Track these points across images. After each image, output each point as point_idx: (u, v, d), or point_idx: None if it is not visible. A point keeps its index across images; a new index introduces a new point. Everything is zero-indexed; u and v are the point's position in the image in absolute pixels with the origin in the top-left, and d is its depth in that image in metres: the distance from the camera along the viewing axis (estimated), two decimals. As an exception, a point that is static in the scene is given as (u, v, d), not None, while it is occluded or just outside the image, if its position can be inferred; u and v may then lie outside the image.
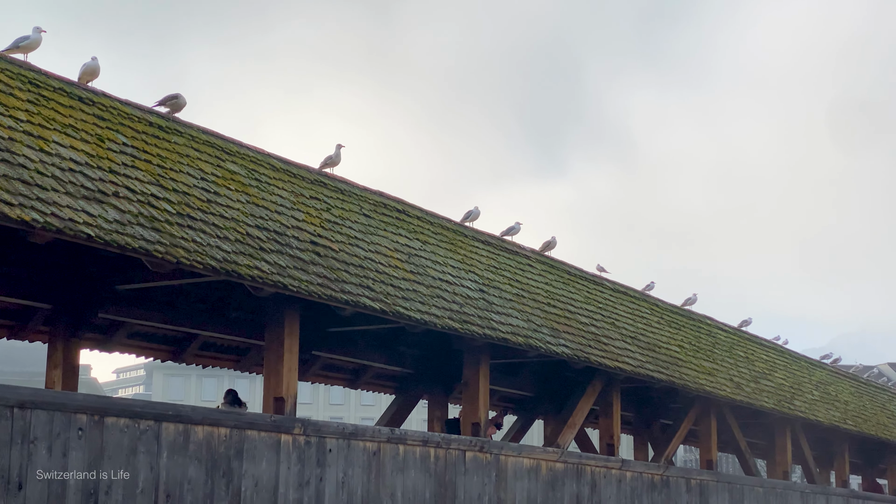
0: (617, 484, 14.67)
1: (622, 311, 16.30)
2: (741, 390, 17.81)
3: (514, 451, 12.83)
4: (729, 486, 17.54)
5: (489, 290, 13.06)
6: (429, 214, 13.59)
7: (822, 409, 20.87)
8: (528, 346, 12.72)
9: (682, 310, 19.16)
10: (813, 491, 20.58)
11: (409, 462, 11.20)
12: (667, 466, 16.14)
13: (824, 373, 23.55)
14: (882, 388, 27.67)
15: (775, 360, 21.06)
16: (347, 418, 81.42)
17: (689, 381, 16.10)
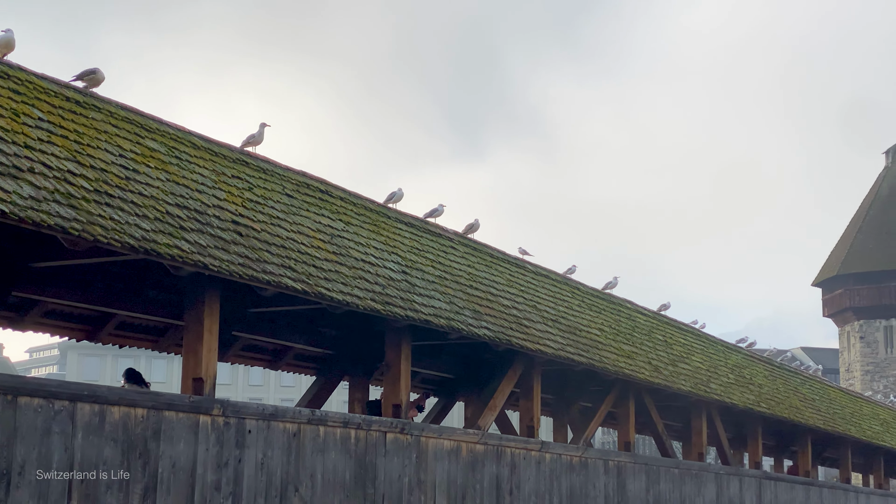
0: (536, 465, 14.78)
1: (544, 294, 16.40)
2: (659, 373, 18.05)
3: (434, 433, 12.85)
4: (646, 468, 17.78)
5: (412, 271, 13.04)
6: (352, 195, 13.52)
7: (736, 393, 21.24)
8: (450, 328, 12.74)
9: (603, 293, 19.34)
10: (727, 472, 20.95)
11: (330, 443, 11.16)
12: (585, 448, 16.30)
13: (739, 357, 23.97)
14: (794, 372, 28.24)
15: (692, 343, 21.38)
16: (267, 400, 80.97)
17: (609, 364, 16.27)
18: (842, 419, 28.14)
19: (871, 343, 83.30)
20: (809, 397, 26.71)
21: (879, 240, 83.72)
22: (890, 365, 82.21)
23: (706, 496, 19.83)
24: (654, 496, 17.92)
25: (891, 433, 33.07)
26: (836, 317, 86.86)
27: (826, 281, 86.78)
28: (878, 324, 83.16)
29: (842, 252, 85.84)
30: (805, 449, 26.07)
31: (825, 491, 26.61)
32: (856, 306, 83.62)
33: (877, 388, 76.60)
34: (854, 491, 29.16)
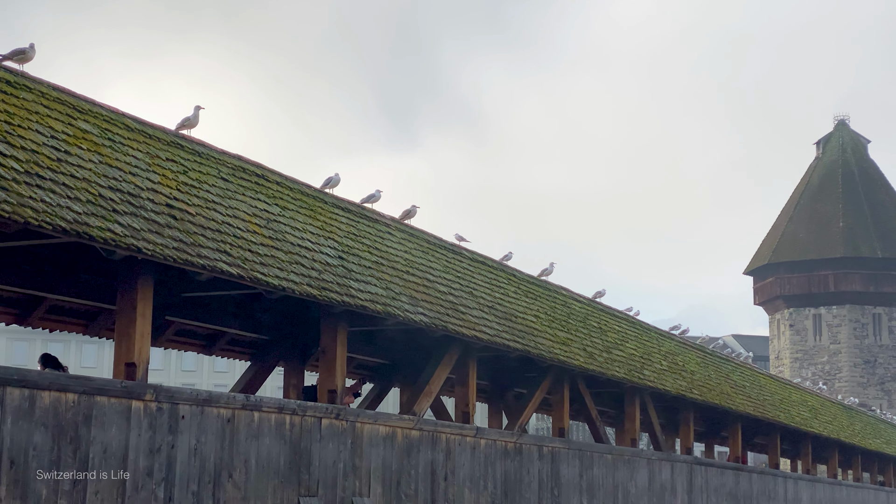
0: (471, 451, 14.83)
1: (480, 280, 16.43)
2: (594, 360, 18.19)
3: (370, 419, 12.84)
4: (579, 454, 17.92)
5: (348, 257, 13.00)
6: (288, 180, 13.42)
7: (669, 379, 21.48)
8: (386, 314, 12.72)
9: (539, 280, 19.42)
10: (659, 458, 21.20)
11: (264, 429, 11.09)
12: (520, 434, 16.39)
13: (673, 344, 24.24)
14: (726, 359, 28.64)
15: (627, 330, 21.57)
16: (200, 385, 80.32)
17: (544, 351, 16.36)
18: (771, 406, 28.61)
19: (801, 331, 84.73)
20: (740, 384, 27.11)
21: (809, 229, 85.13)
22: (818, 352, 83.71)
23: (638, 481, 20.05)
24: (588, 481, 18.08)
25: (818, 419, 33.70)
26: (767, 305, 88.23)
27: (757, 270, 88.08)
28: (808, 312, 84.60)
29: (773, 241, 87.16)
30: (735, 435, 26.47)
31: (754, 476, 27.05)
32: (786, 295, 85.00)
33: (805, 376, 77.98)
34: (782, 476, 29.68)
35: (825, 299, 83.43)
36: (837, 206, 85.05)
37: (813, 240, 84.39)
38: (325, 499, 11.88)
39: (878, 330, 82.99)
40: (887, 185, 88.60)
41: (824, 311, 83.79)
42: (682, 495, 22.06)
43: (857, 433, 38.64)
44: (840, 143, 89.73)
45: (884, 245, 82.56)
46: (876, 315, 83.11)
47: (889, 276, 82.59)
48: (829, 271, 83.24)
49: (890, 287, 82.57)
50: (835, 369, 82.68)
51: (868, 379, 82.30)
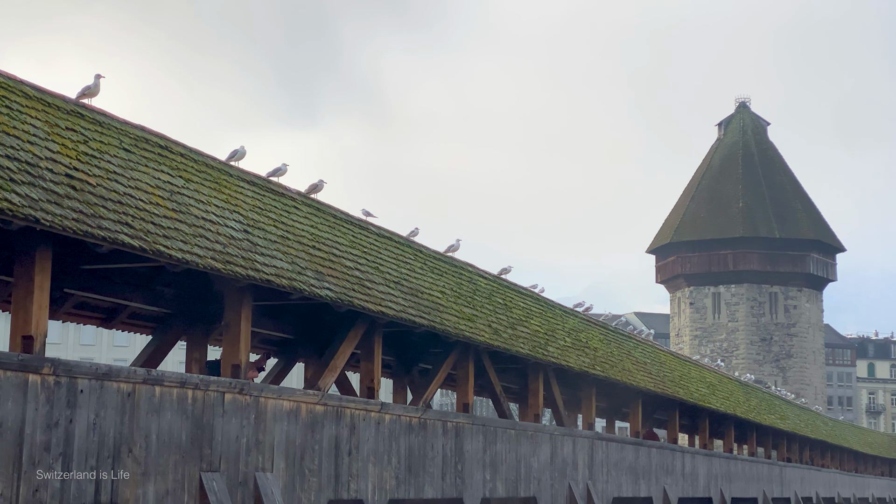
0: (376, 426, 14.84)
1: (386, 256, 16.41)
2: (499, 336, 18.32)
3: (274, 394, 12.75)
4: (483, 429, 18.06)
5: (254, 231, 12.86)
6: (192, 152, 13.21)
7: (573, 356, 21.74)
8: (291, 289, 12.64)
9: (445, 256, 19.47)
10: (561, 433, 21.47)
11: (166, 404, 10.95)
12: (424, 410, 16.45)
13: (576, 321, 24.53)
14: (628, 336, 29.09)
15: (532, 307, 21.76)
16: (99, 359, 79.03)
17: (450, 327, 16.42)
18: (671, 382, 29.16)
19: (700, 309, 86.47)
20: (641, 361, 27.57)
21: (710, 210, 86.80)
22: (717, 330, 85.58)
23: (541, 456, 20.29)
24: (491, 456, 18.23)
25: (716, 395, 34.47)
26: (668, 283, 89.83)
27: (659, 249, 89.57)
28: (708, 290, 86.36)
29: (675, 221, 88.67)
30: (636, 410, 26.92)
31: (653, 451, 27.57)
32: (687, 273, 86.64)
33: (704, 353, 79.70)
34: (680, 451, 30.30)
35: (724, 278, 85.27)
36: (737, 187, 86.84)
37: (713, 220, 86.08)
38: (227, 474, 11.78)
39: (774, 308, 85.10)
40: (785, 166, 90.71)
41: (723, 289, 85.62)
42: (584, 469, 22.39)
43: (752, 409, 39.63)
44: (741, 125, 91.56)
45: (781, 226, 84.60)
46: (772, 294, 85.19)
47: (785, 256, 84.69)
48: (728, 251, 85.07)
49: (786, 267, 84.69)
50: (732, 346, 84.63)
51: (764, 356, 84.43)
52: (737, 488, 36.87)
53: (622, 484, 24.95)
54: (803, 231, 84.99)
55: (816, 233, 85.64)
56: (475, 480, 17.59)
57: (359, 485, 14.32)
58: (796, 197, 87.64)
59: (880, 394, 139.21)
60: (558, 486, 21.00)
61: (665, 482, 28.22)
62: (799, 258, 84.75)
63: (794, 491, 46.36)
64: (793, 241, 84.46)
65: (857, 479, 65.06)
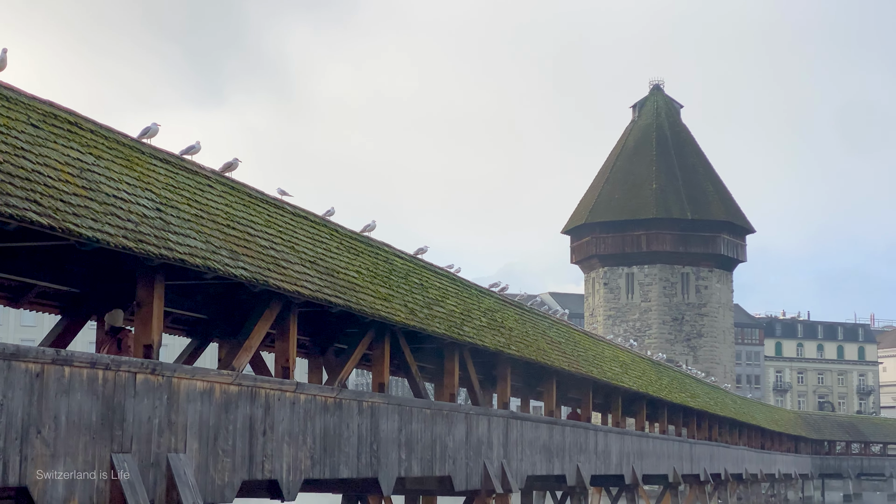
0: (291, 406, 14.77)
1: (302, 235, 16.30)
2: (415, 316, 18.33)
3: (187, 374, 12.61)
4: (399, 409, 18.08)
5: (167, 209, 12.68)
6: (103, 128, 12.96)
7: (488, 335, 21.86)
8: (205, 268, 12.49)
9: (361, 236, 19.41)
10: (476, 412, 21.59)
11: (76, 384, 10.75)
12: (340, 389, 16.40)
13: (492, 300, 24.65)
14: (543, 316, 29.34)
15: (448, 287, 21.81)
16: (6, 339, 77.40)
17: (366, 307, 16.39)
18: (585, 361, 29.50)
19: (614, 289, 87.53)
20: (556, 340, 27.83)
21: (624, 191, 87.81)
22: (630, 310, 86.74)
23: (456, 435, 20.39)
24: (407, 436, 18.27)
25: (629, 374, 34.96)
26: (583, 264, 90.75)
27: (574, 229, 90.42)
28: (621, 271, 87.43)
29: (589, 202, 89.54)
30: (550, 390, 27.18)
31: (567, 429, 27.87)
32: (601, 254, 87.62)
33: (618, 332, 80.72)
34: (593, 429, 30.69)
35: (638, 259, 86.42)
36: (651, 169, 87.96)
37: (627, 201, 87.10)
38: (138, 455, 11.63)
39: (685, 289, 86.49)
40: (697, 149, 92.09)
41: (637, 270, 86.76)
42: (499, 448, 22.56)
43: (664, 388, 40.28)
44: (655, 108, 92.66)
45: (693, 207, 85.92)
46: (684, 274, 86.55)
47: (697, 237, 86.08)
48: (641, 232, 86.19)
49: (698, 248, 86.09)
50: (645, 326, 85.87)
51: (675, 336, 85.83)
52: (648, 465, 37.49)
53: (536, 462, 25.20)
54: (714, 212, 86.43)
55: (727, 214, 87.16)
56: (390, 460, 17.61)
57: (273, 465, 14.25)
58: (708, 179, 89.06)
59: (787, 372, 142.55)
60: (473, 464, 21.14)
61: (578, 460, 28.57)
62: (710, 239, 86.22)
63: (703, 468, 47.28)
64: (704, 223, 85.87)
65: (764, 455, 66.59)
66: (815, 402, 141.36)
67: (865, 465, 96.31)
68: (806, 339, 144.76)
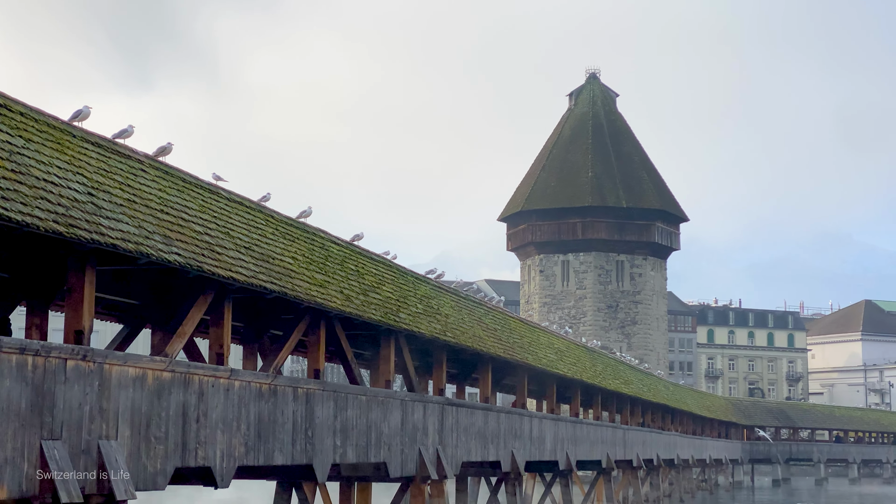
0: (225, 393, 14.67)
1: (237, 221, 16.18)
2: (351, 302, 18.29)
3: (119, 360, 12.46)
4: (334, 395, 18.04)
5: (98, 193, 12.50)
6: (34, 111, 12.74)
7: (424, 322, 21.88)
8: (138, 253, 12.35)
9: (297, 222, 19.31)
10: (412, 399, 21.62)
11: (5, 371, 10.58)
12: (275, 376, 16.32)
13: (428, 287, 24.67)
14: (479, 303, 29.42)
15: (384, 273, 21.78)
16: (-64, 326, 75.82)
17: (301, 293, 16.32)
18: (520, 348, 29.66)
19: (550, 276, 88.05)
20: (492, 327, 27.94)
21: (560, 179, 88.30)
22: (566, 297, 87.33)
23: (391, 422, 20.40)
24: (342, 422, 18.24)
25: (563, 361, 35.22)
26: (519, 251, 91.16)
27: (510, 217, 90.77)
28: (557, 258, 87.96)
29: (526, 189, 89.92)
30: (486, 376, 27.29)
31: (502, 416, 28.02)
32: (537, 241, 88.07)
33: (553, 319, 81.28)
34: (528, 416, 30.88)
35: (573, 246, 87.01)
36: (587, 157, 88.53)
37: (563, 189, 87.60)
38: (69, 442, 11.48)
39: (620, 276, 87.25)
40: (633, 137, 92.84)
41: (572, 257, 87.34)
42: (434, 435, 22.61)
43: (598, 374, 40.65)
44: (591, 96, 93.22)
45: (628, 195, 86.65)
46: (619, 262, 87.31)
47: (632, 225, 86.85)
48: (577, 219, 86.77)
49: (632, 236, 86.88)
50: (580, 313, 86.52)
51: (610, 323, 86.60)
52: (582, 451, 37.83)
53: (471, 448, 25.31)
54: (649, 201, 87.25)
55: (661, 203, 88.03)
56: (325, 446, 17.58)
57: (207, 452, 14.15)
58: (643, 167, 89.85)
59: (718, 359, 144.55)
60: (408, 451, 21.17)
61: (513, 446, 28.74)
62: (645, 228, 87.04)
63: (636, 453, 47.83)
64: (639, 211, 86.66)
65: (695, 441, 67.51)
66: (746, 388, 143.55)
67: (794, 451, 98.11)
68: (737, 326, 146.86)
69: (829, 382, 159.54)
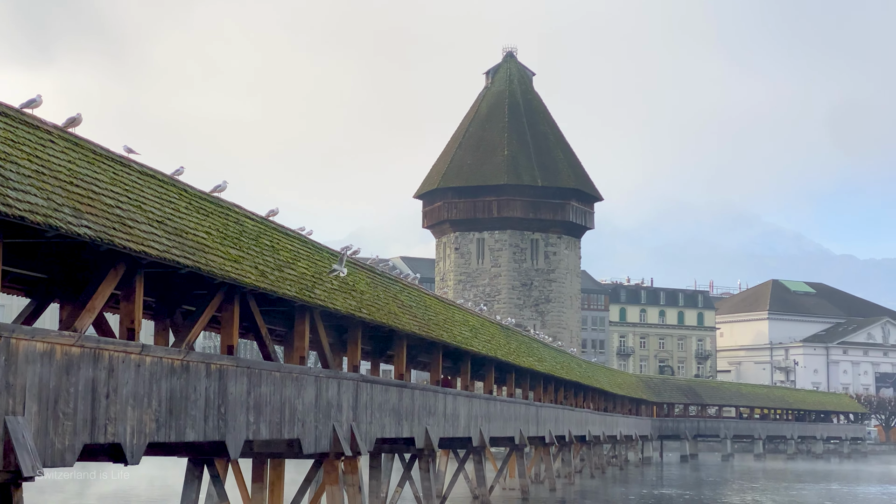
0: (136, 369, 14.45)
1: (150, 194, 15.91)
2: (265, 278, 18.13)
3: (26, 335, 12.19)
4: (248, 371, 17.89)
5: (5, 164, 12.18)
6: (-62, 77, 12.36)
7: (339, 299, 21.79)
8: (47, 226, 12.07)
9: (211, 196, 19.05)
10: (326, 375, 21.54)
11: None
12: (187, 352, 16.12)
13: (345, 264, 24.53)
14: (394, 280, 29.39)
15: (299, 250, 21.63)
16: None
17: (215, 268, 16.12)
18: (436, 325, 29.71)
19: (465, 254, 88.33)
20: (407, 304, 27.94)
21: (476, 157, 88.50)
22: (480, 275, 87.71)
23: (305, 398, 20.30)
24: (255, 398, 18.10)
25: (478, 338, 35.38)
26: (435, 228, 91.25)
27: (426, 194, 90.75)
28: (472, 236, 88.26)
29: (442, 167, 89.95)
30: (401, 353, 27.30)
31: (416, 393, 28.07)
32: (452, 219, 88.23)
33: (468, 297, 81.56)
34: (443, 393, 30.98)
35: (488, 224, 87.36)
36: (503, 136, 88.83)
37: (479, 167, 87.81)
38: (-26, 419, 11.21)
39: (535, 255, 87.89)
40: (549, 117, 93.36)
41: (487, 235, 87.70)
42: (348, 411, 22.57)
43: (512, 352, 40.93)
44: (508, 75, 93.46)
45: (543, 174, 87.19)
46: (534, 241, 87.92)
47: (547, 204, 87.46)
48: (493, 197, 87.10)
49: (547, 214, 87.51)
50: (495, 291, 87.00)
51: (524, 301, 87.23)
52: (495, 428, 38.10)
53: (386, 425, 25.32)
54: (564, 180, 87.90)
55: (576, 182, 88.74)
56: (238, 423, 17.43)
57: (116, 428, 13.94)
58: (558, 147, 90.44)
59: (630, 337, 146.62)
60: (322, 427, 21.10)
61: (427, 423, 28.83)
62: (559, 206, 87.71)
63: (548, 430, 48.33)
64: (554, 190, 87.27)
65: (606, 417, 68.46)
66: (657, 366, 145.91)
67: (702, 427, 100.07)
68: (649, 305, 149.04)
69: (737, 360, 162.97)
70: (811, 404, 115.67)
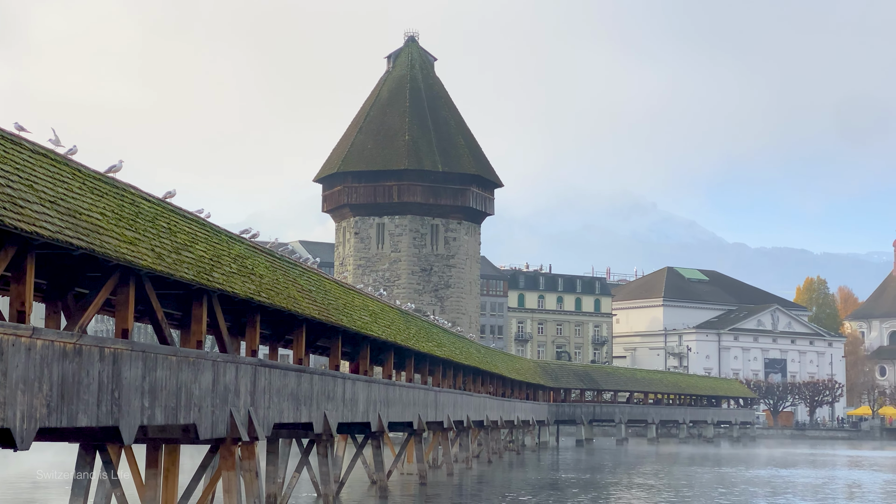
0: (26, 352, 14.06)
1: (42, 173, 15.47)
2: (162, 261, 17.80)
3: (-90, 318, 11.77)
4: (143, 355, 17.55)
5: None
6: None
7: (238, 282, 21.52)
8: (-68, 205, 11.64)
9: (106, 177, 18.61)
10: (224, 360, 21.27)
11: None
12: (80, 335, 15.74)
13: (243, 247, 24.26)
14: (294, 264, 29.14)
15: (197, 232, 21.29)
16: None
17: (110, 250, 15.77)
18: (335, 310, 29.57)
19: (365, 239, 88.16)
20: (306, 288, 27.74)
21: (377, 141, 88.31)
22: (380, 260, 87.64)
23: (202, 383, 20.02)
24: (151, 383, 17.78)
25: (378, 324, 35.32)
26: (335, 213, 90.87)
27: (326, 178, 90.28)
28: (372, 221, 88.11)
29: (342, 151, 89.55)
30: (300, 338, 27.10)
31: (315, 378, 27.91)
32: (352, 203, 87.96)
33: (367, 282, 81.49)
34: (341, 377, 30.87)
35: (389, 209, 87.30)
36: (404, 121, 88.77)
37: (380, 151, 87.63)
38: None
39: (434, 240, 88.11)
40: (450, 102, 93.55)
41: (387, 220, 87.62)
42: (246, 396, 22.33)
43: (411, 337, 40.97)
44: (409, 60, 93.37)
45: (444, 160, 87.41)
46: (434, 226, 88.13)
47: (447, 190, 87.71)
48: (393, 182, 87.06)
49: (447, 200, 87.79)
50: (394, 276, 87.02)
51: (424, 286, 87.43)
52: (394, 413, 38.12)
53: (284, 410, 25.12)
54: (464, 166, 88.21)
55: (477, 168, 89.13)
56: (133, 408, 17.11)
57: (6, 413, 13.55)
58: (459, 132, 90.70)
59: (528, 323, 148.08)
60: (219, 412, 20.84)
61: (326, 408, 28.70)
62: (460, 192, 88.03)
63: (447, 415, 48.54)
64: (454, 176, 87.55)
65: (504, 402, 69.05)
66: (554, 351, 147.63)
67: (597, 412, 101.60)
68: (547, 291, 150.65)
69: (632, 346, 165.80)
70: (703, 389, 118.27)
